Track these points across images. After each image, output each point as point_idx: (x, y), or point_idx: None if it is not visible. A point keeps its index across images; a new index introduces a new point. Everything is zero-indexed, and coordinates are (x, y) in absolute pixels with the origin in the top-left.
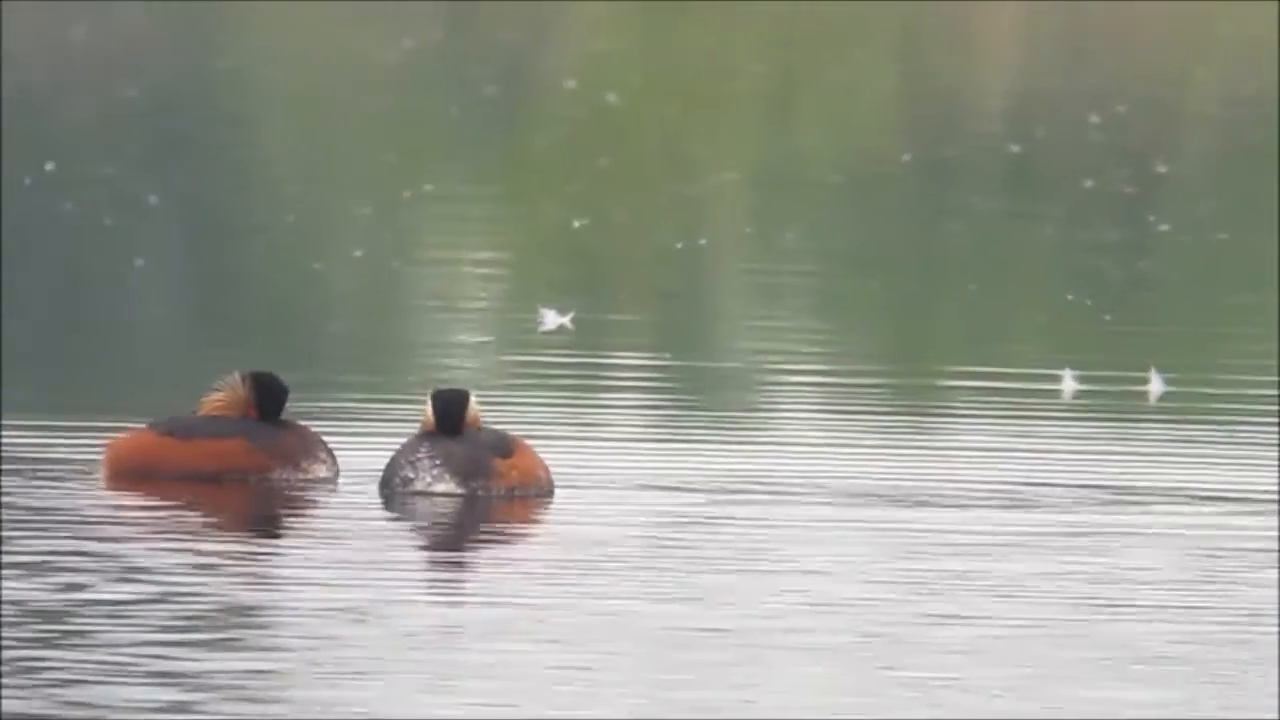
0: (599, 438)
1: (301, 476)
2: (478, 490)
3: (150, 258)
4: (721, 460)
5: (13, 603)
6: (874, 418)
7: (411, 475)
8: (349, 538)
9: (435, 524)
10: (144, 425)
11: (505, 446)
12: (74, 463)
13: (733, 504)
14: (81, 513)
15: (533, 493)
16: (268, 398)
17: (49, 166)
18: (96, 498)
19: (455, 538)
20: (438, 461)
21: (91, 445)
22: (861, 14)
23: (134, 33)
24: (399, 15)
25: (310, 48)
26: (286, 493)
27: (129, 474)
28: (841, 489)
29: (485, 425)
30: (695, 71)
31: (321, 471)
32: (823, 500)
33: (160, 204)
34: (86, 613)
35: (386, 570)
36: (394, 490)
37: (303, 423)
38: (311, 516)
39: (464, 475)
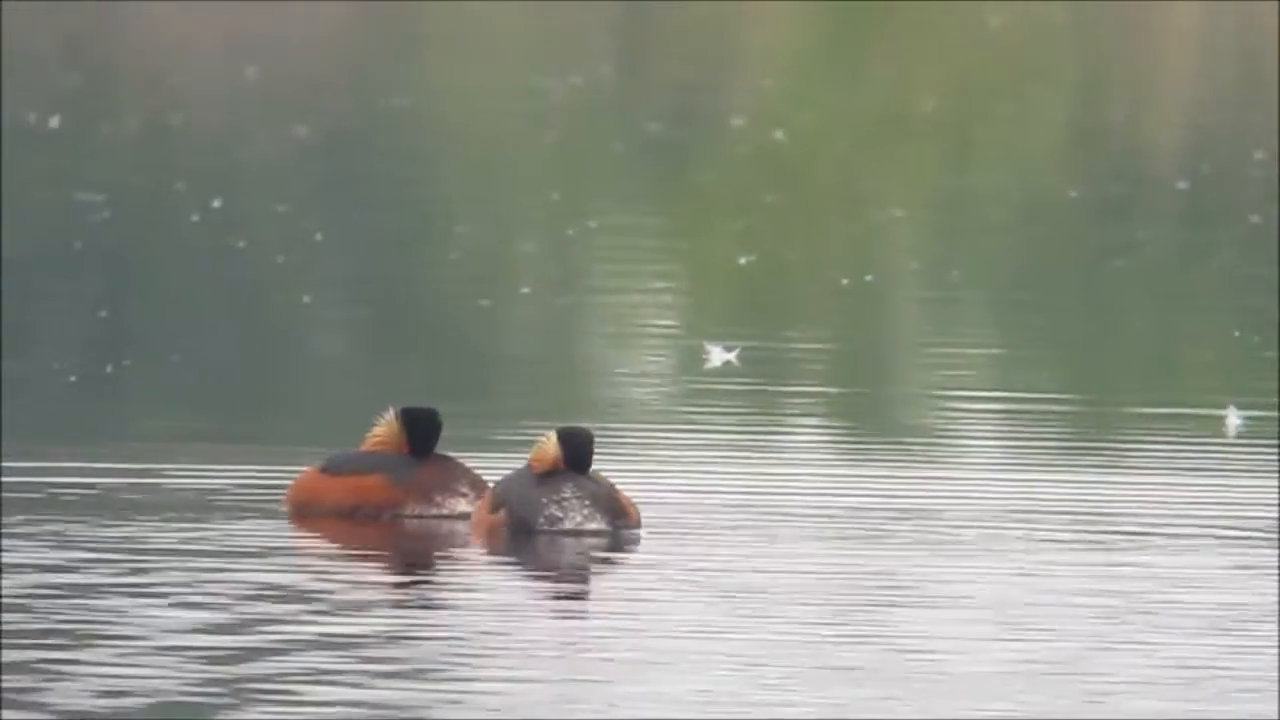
0: (772, 470)
1: (436, 512)
2: (620, 529)
3: (318, 294)
4: (894, 492)
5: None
6: (1044, 448)
7: (560, 514)
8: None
9: (630, 563)
10: (317, 462)
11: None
12: (248, 497)
13: (916, 530)
14: (265, 546)
15: (636, 530)
16: (418, 433)
17: (216, 204)
18: (278, 532)
19: (660, 576)
20: (586, 501)
21: (262, 479)
22: (1039, 52)
23: (308, 73)
24: (569, 52)
25: (481, 85)
26: (443, 528)
27: (298, 510)
28: (1015, 513)
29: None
30: (864, 109)
31: (461, 506)
32: (997, 525)
33: (328, 241)
34: (273, 647)
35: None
36: (537, 529)
37: (455, 458)
38: (482, 555)
39: (611, 514)
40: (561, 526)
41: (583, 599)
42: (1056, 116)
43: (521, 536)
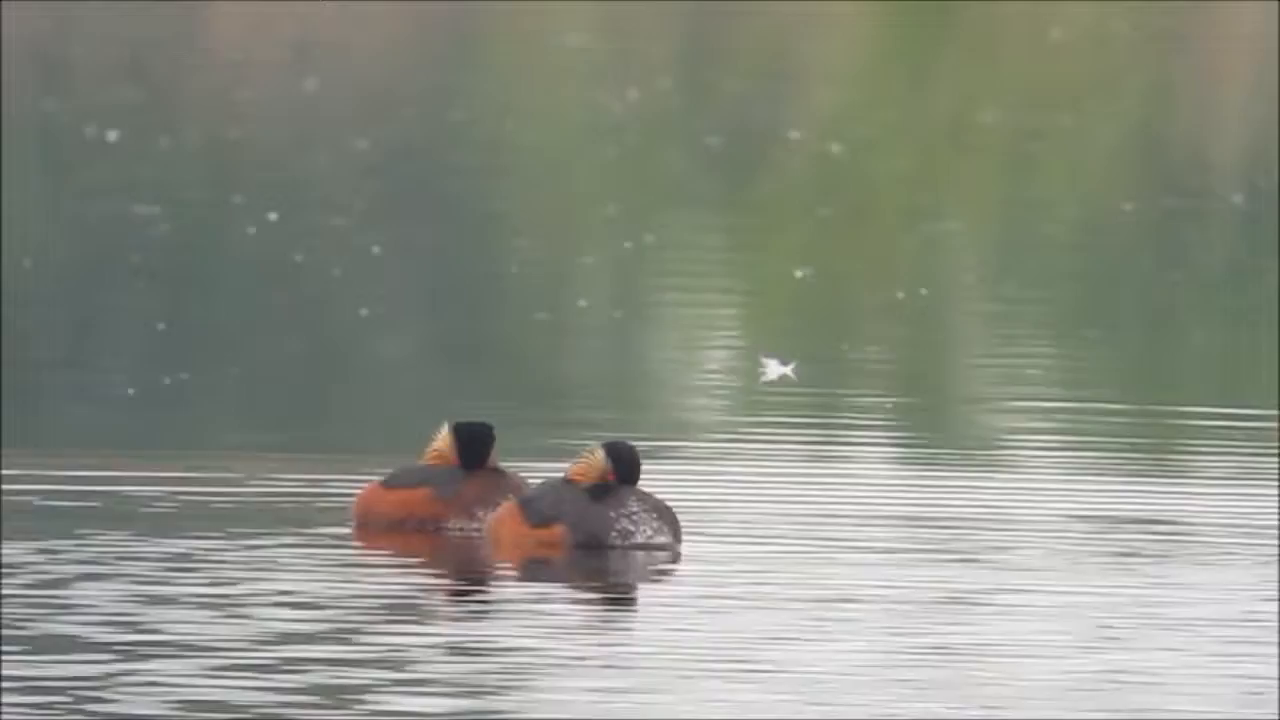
0: (830, 482)
1: (476, 526)
2: (679, 543)
3: (375, 308)
4: (954, 503)
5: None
6: (1104, 458)
7: (631, 528)
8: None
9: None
10: (381, 476)
11: None
12: (306, 509)
13: (978, 540)
14: (323, 558)
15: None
16: (467, 447)
17: (273, 217)
18: (335, 544)
19: (720, 589)
20: (654, 515)
21: (320, 491)
22: (1099, 64)
23: (369, 86)
24: (628, 67)
25: (541, 99)
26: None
27: (360, 522)
28: (1077, 523)
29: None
30: (921, 122)
31: None
32: (1059, 535)
33: (386, 254)
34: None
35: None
36: (608, 545)
37: (509, 471)
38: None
39: (673, 527)
40: (633, 541)
41: (641, 612)
42: (1115, 129)
43: (586, 551)
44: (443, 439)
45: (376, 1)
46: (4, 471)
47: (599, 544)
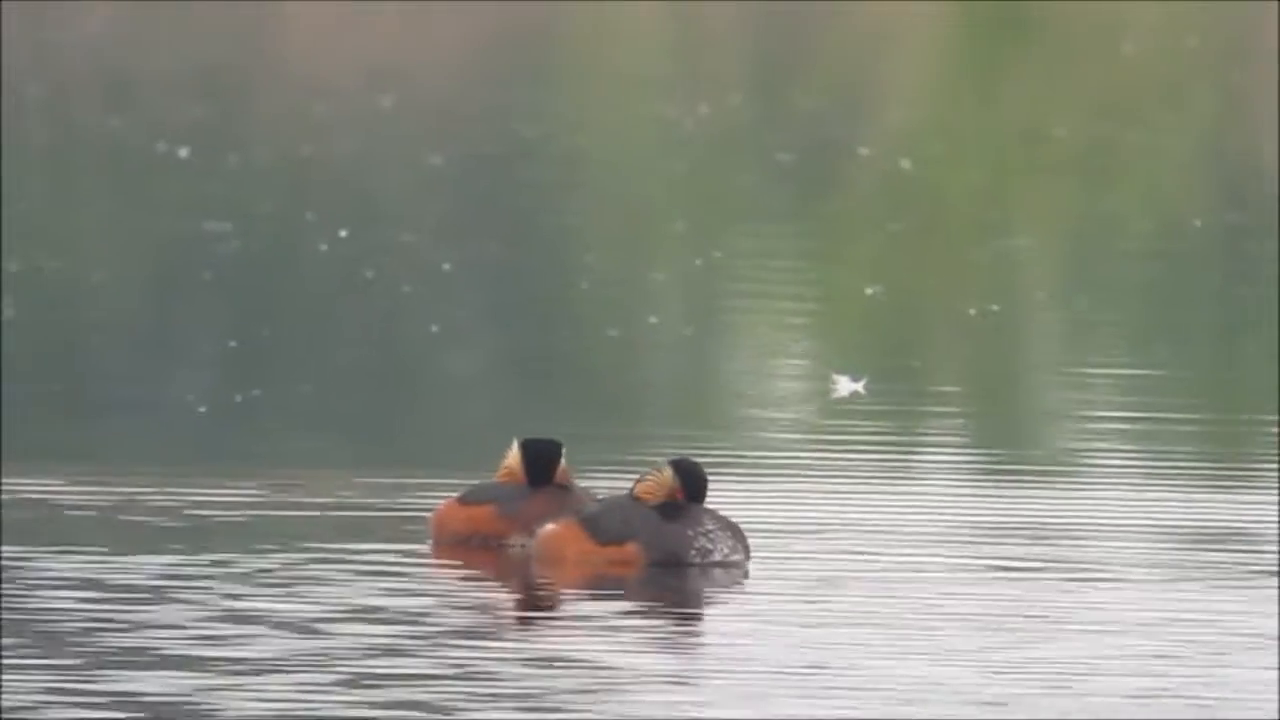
0: (903, 498)
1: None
2: (749, 560)
3: (446, 324)
4: (1027, 517)
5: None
6: (1178, 470)
7: (710, 546)
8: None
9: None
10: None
11: None
12: (377, 525)
13: (1060, 550)
14: (395, 572)
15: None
16: (534, 464)
17: (344, 233)
18: (407, 559)
19: (793, 605)
20: (729, 533)
21: (391, 508)
22: (1171, 78)
23: (440, 102)
24: (699, 82)
25: (612, 115)
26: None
27: (434, 538)
28: (1153, 534)
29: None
30: (991, 138)
31: None
32: (1134, 547)
33: (457, 271)
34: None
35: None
36: (688, 563)
37: (576, 489)
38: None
39: (745, 545)
40: (712, 559)
41: (714, 628)
42: (1186, 142)
43: (661, 569)
44: (513, 456)
45: (448, 14)
46: (79, 488)
47: (677, 562)
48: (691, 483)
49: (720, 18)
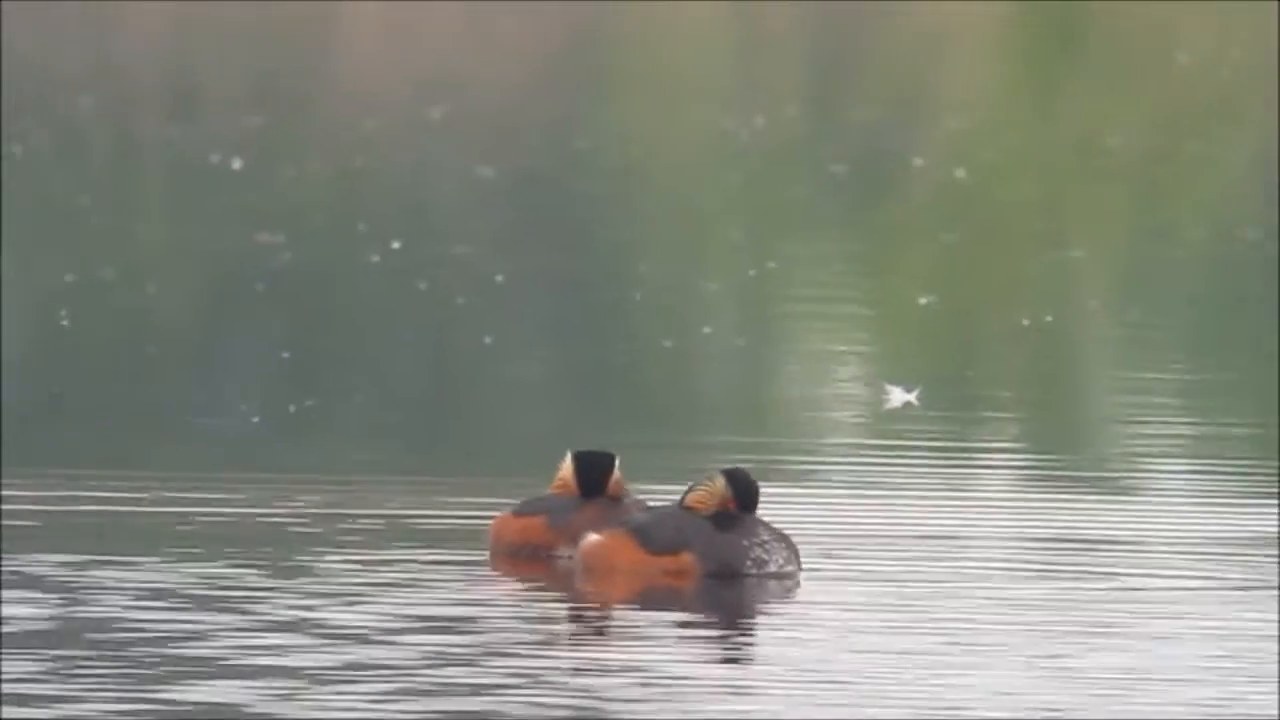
0: (957, 507)
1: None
2: (801, 571)
3: (500, 335)
4: (1082, 527)
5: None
6: (1234, 482)
7: (765, 557)
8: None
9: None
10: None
11: None
12: (432, 537)
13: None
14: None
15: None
16: (585, 475)
17: (396, 245)
18: (461, 570)
19: (850, 616)
20: (783, 544)
21: (446, 518)
22: (1226, 89)
23: (493, 114)
24: (754, 94)
25: (666, 126)
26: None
27: (492, 549)
28: (1209, 543)
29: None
30: (1046, 148)
31: None
32: (1191, 554)
33: (510, 282)
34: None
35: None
36: (744, 574)
37: (628, 500)
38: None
39: (797, 556)
40: (767, 570)
41: (768, 638)
42: (1239, 153)
43: (716, 580)
44: (566, 468)
45: (500, 25)
46: (133, 498)
47: (733, 573)
48: (744, 493)
49: (779, 18)
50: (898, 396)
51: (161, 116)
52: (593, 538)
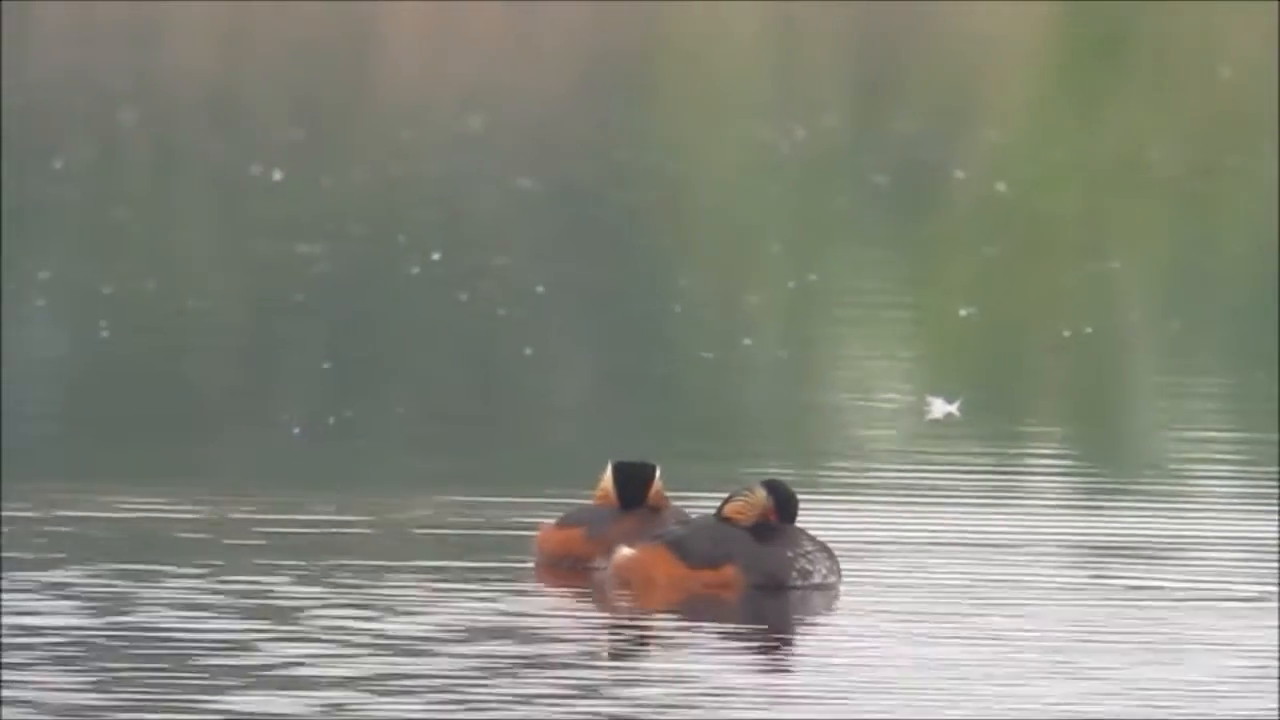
0: (1000, 519)
1: None
2: (841, 582)
3: (540, 346)
4: (1127, 537)
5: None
6: (1273, 487)
7: (810, 568)
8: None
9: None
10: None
11: None
12: (472, 547)
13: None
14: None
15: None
16: (625, 486)
17: (436, 256)
18: (504, 579)
19: (893, 627)
20: (825, 556)
21: (487, 529)
22: (1269, 103)
23: (533, 125)
24: (795, 105)
25: (707, 138)
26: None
27: (536, 560)
28: (1259, 551)
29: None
30: (1087, 161)
31: None
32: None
33: (550, 293)
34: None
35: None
36: (790, 585)
37: (668, 511)
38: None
39: (838, 566)
40: (812, 581)
41: (812, 648)
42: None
43: (761, 592)
44: (607, 479)
45: (540, 36)
46: (174, 509)
47: (778, 585)
48: (785, 504)
49: (820, 28)
50: (939, 408)
51: (203, 128)
52: (625, 551)
